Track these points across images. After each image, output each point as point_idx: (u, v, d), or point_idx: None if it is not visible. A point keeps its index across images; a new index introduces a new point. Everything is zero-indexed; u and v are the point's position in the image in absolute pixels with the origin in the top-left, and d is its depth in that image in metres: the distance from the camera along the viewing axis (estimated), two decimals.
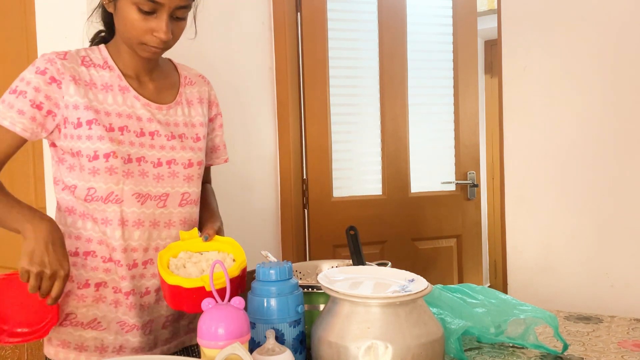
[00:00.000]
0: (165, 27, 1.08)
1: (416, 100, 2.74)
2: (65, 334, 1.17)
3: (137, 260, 1.17)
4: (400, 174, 2.71)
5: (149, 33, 1.09)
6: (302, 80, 2.57)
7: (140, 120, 1.17)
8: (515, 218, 2.07)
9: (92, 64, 1.17)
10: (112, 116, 1.14)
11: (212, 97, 1.34)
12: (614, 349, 1.09)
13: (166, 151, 1.19)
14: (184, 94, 1.27)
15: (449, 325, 1.06)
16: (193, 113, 1.27)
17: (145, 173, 1.17)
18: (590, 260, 1.91)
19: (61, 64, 1.13)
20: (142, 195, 1.16)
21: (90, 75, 1.16)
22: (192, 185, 1.23)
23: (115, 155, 1.12)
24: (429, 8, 2.79)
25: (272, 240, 2.54)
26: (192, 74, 1.32)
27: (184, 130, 1.23)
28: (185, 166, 1.22)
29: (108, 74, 1.17)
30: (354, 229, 1.25)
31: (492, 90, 4.38)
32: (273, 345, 0.86)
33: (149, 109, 1.19)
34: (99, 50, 1.20)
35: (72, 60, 1.15)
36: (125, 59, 1.19)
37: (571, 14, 1.92)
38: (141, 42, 1.11)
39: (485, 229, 4.36)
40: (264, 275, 0.98)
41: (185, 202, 1.23)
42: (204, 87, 1.32)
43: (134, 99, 1.18)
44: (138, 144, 1.16)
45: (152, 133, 1.18)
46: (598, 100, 1.88)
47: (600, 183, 1.89)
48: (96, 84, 1.15)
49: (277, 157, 2.57)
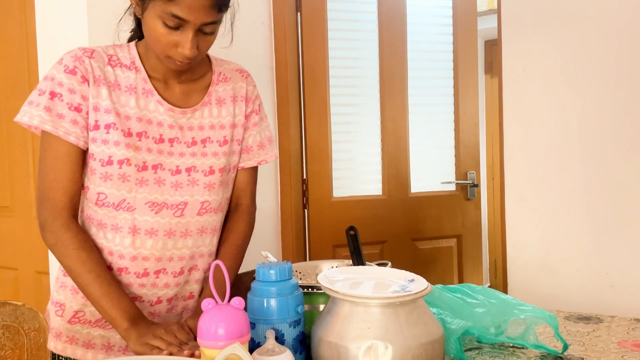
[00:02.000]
0: (190, 44, 1.04)
1: (416, 100, 2.74)
2: (73, 331, 1.16)
3: (149, 269, 1.15)
4: (400, 174, 2.71)
5: (174, 47, 1.05)
6: (302, 80, 2.57)
7: (160, 126, 1.14)
8: (515, 218, 2.07)
9: (119, 63, 1.13)
10: (131, 120, 1.11)
11: (249, 94, 1.26)
12: (614, 349, 1.09)
13: (186, 158, 1.15)
14: (214, 93, 1.21)
15: (449, 325, 1.06)
16: (224, 113, 1.21)
17: (162, 181, 1.13)
18: (590, 260, 1.91)
19: (89, 62, 1.10)
20: (157, 204, 1.13)
21: (116, 75, 1.12)
22: (212, 193, 1.19)
23: (129, 162, 1.09)
24: (429, 8, 2.79)
25: (272, 240, 2.54)
26: (229, 69, 1.26)
27: (209, 134, 1.19)
28: (206, 174, 1.17)
29: (134, 75, 1.13)
30: (354, 229, 1.25)
31: (492, 90, 4.38)
32: (273, 346, 0.86)
33: (171, 115, 1.15)
34: (128, 48, 1.16)
35: (99, 59, 1.11)
36: (153, 61, 1.15)
37: (571, 14, 1.92)
38: (167, 56, 1.07)
39: (485, 228, 4.36)
40: (264, 275, 0.98)
41: (205, 210, 1.19)
42: (239, 83, 1.25)
43: (157, 103, 1.14)
44: (156, 151, 1.13)
45: (172, 140, 1.14)
46: (598, 100, 1.88)
47: (601, 183, 1.89)
48: (120, 85, 1.12)
49: (277, 157, 2.56)
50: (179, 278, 1.19)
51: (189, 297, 1.23)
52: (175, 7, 0.99)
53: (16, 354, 1.23)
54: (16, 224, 2.39)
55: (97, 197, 1.12)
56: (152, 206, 1.13)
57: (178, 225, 1.16)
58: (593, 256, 1.91)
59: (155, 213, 1.13)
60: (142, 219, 1.12)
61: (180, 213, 1.16)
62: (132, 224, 1.12)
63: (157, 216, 1.13)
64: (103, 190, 1.11)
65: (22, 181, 2.33)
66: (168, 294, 1.19)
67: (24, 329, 1.23)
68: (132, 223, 1.12)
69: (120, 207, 1.11)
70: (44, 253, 2.06)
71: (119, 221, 1.12)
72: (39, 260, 2.18)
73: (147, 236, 1.13)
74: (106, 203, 1.12)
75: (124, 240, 1.12)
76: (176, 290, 1.20)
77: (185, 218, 1.16)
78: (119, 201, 1.11)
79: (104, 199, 1.12)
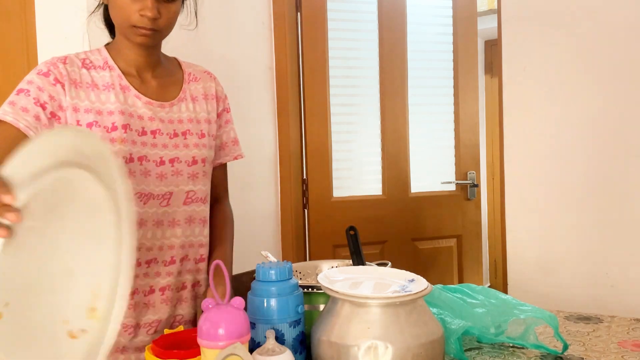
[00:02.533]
0: (151, 4, 1.08)
1: (416, 100, 2.74)
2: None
3: (141, 259, 1.17)
4: (400, 174, 2.71)
5: (137, 14, 1.10)
6: (302, 80, 2.57)
7: (141, 119, 1.17)
8: (515, 218, 2.07)
9: (93, 65, 1.17)
10: (115, 114, 1.14)
11: (218, 93, 1.33)
12: (614, 349, 1.09)
13: (169, 149, 1.19)
14: (188, 90, 1.27)
15: (449, 325, 1.06)
16: (198, 109, 1.26)
17: (147, 172, 1.16)
18: (590, 260, 1.91)
19: (63, 67, 1.13)
20: (145, 195, 1.16)
21: (92, 76, 1.16)
22: (197, 183, 1.23)
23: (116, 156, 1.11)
24: (429, 8, 2.79)
25: (272, 240, 2.54)
26: (197, 71, 1.32)
27: (188, 127, 1.23)
28: (189, 164, 1.21)
29: (109, 73, 1.17)
30: (354, 229, 1.25)
31: (492, 90, 4.38)
32: (273, 346, 0.86)
33: (150, 108, 1.18)
34: (98, 51, 1.20)
35: (73, 63, 1.15)
36: (126, 55, 1.19)
37: (571, 14, 1.92)
38: (132, 25, 1.11)
39: (485, 229, 4.36)
40: (264, 275, 0.98)
41: (190, 200, 1.22)
42: (209, 83, 1.31)
43: (135, 97, 1.17)
44: (140, 143, 1.16)
45: (154, 132, 1.18)
46: (598, 100, 1.88)
47: (601, 183, 1.89)
48: (98, 85, 1.15)
49: (277, 157, 2.57)
50: (171, 267, 1.21)
51: (182, 287, 1.25)
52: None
53: None
54: None
55: None
56: (140, 197, 1.16)
57: (165, 214, 1.19)
58: (593, 256, 1.91)
59: (144, 204, 1.16)
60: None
61: (167, 203, 1.19)
62: None
63: (146, 207, 1.16)
64: None
65: None
66: (160, 283, 1.20)
67: None
68: None
69: None
70: None
71: None
72: None
73: (137, 227, 1.15)
74: None
75: None
76: (168, 280, 1.21)
77: (172, 208, 1.20)
78: None
79: None
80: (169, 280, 1.22)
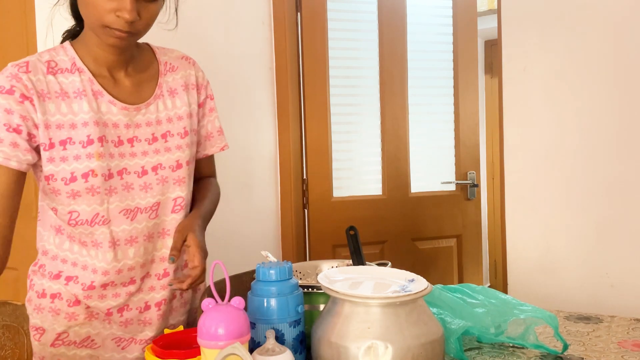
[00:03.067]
0: (130, 6, 0.95)
1: (416, 100, 2.74)
2: (58, 355, 1.13)
3: (135, 277, 1.13)
4: (400, 174, 2.71)
5: (112, 13, 0.97)
6: (302, 80, 2.57)
7: (117, 128, 1.07)
8: (515, 218, 2.07)
9: (59, 69, 1.05)
10: (89, 126, 1.04)
11: (199, 80, 1.21)
12: (614, 349, 1.09)
13: (150, 157, 1.11)
14: (165, 84, 1.15)
15: (449, 325, 1.06)
16: (178, 103, 1.16)
17: (129, 186, 1.09)
18: (590, 260, 1.91)
19: (27, 78, 1.00)
20: (131, 211, 1.09)
21: (60, 83, 1.04)
22: (184, 188, 1.15)
23: (94, 173, 1.03)
24: (429, 8, 2.79)
25: (272, 240, 2.54)
26: (173, 57, 1.19)
27: (168, 128, 1.13)
28: (174, 168, 1.13)
29: (78, 78, 1.05)
30: (354, 229, 1.25)
31: (492, 90, 4.38)
32: (273, 345, 0.86)
33: (126, 113, 1.09)
34: (63, 49, 1.08)
35: (36, 71, 1.03)
36: (96, 53, 1.06)
37: (571, 14, 1.92)
38: (104, 25, 0.98)
39: (485, 229, 4.35)
40: (264, 275, 0.98)
41: (179, 207, 1.15)
42: (188, 71, 1.19)
43: (109, 104, 1.07)
44: (118, 155, 1.07)
45: (131, 140, 1.09)
46: (598, 100, 1.88)
47: (600, 183, 1.89)
48: (68, 93, 1.04)
49: (277, 157, 2.57)
50: (164, 280, 1.18)
51: (173, 297, 1.21)
52: None
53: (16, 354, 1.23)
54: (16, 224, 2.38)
55: (69, 217, 1.07)
56: (127, 213, 1.09)
57: (155, 227, 1.13)
58: (593, 256, 1.91)
59: (132, 220, 1.10)
60: (119, 229, 1.09)
61: (155, 215, 1.13)
62: (110, 237, 1.08)
63: (134, 222, 1.10)
64: (74, 208, 1.06)
65: None
66: (156, 298, 1.17)
67: (24, 329, 1.23)
68: (110, 236, 1.08)
69: (95, 222, 1.07)
70: None
71: (97, 237, 1.08)
72: None
73: (127, 245, 1.10)
74: (79, 221, 1.07)
75: (106, 255, 1.09)
76: (163, 294, 1.18)
77: (160, 218, 1.14)
78: (92, 216, 1.06)
79: (76, 217, 1.06)
80: (163, 295, 1.18)
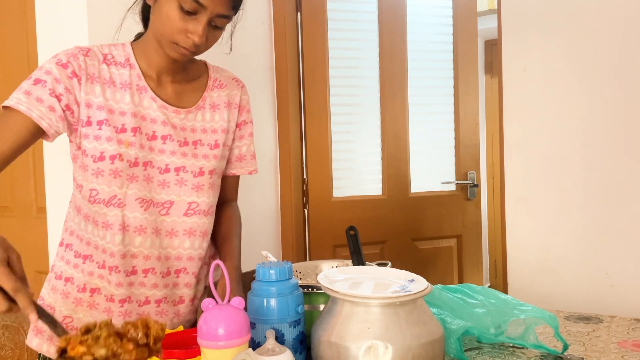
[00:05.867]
0: (202, 31, 1.05)
1: (416, 100, 2.74)
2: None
3: (137, 267, 1.15)
4: (400, 174, 2.71)
5: (184, 33, 1.06)
6: (302, 80, 2.57)
7: (154, 123, 1.14)
8: (515, 218, 2.07)
9: (114, 62, 1.14)
10: (126, 116, 1.12)
11: (243, 102, 1.29)
12: (614, 349, 1.09)
13: (176, 157, 1.16)
14: (209, 98, 1.23)
15: (449, 325, 1.06)
16: (217, 118, 1.23)
17: (150, 178, 1.14)
18: (590, 260, 1.91)
19: (83, 60, 1.10)
20: (146, 201, 1.14)
21: (111, 73, 1.13)
22: (201, 195, 1.19)
23: (121, 157, 1.10)
24: (429, 8, 2.79)
25: (272, 240, 2.54)
26: (224, 76, 1.29)
27: (200, 137, 1.20)
28: (195, 174, 1.18)
29: (128, 72, 1.14)
30: (354, 229, 1.25)
31: (492, 90, 4.39)
32: (273, 346, 0.86)
33: (164, 112, 1.15)
34: (122, 47, 1.17)
35: (94, 57, 1.12)
36: (150, 56, 1.15)
37: (571, 14, 1.92)
38: (173, 41, 1.07)
39: (485, 229, 4.36)
40: (264, 275, 0.98)
41: (193, 212, 1.18)
42: (235, 91, 1.28)
43: (151, 99, 1.14)
44: (147, 148, 1.13)
45: (165, 137, 1.15)
46: (598, 100, 1.88)
47: (600, 183, 1.89)
48: (115, 83, 1.13)
49: (277, 157, 2.57)
50: (167, 279, 1.19)
51: (179, 301, 1.22)
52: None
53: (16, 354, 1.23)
54: (16, 224, 2.39)
55: (89, 194, 1.12)
56: (142, 202, 1.13)
57: (163, 223, 1.17)
58: (593, 256, 1.91)
59: (145, 210, 1.14)
60: (131, 215, 1.13)
61: (166, 212, 1.16)
62: (122, 220, 1.12)
63: (146, 213, 1.14)
64: (95, 186, 1.11)
65: (22, 181, 2.33)
66: (156, 295, 1.18)
67: (24, 329, 1.23)
68: (122, 220, 1.12)
69: (110, 204, 1.12)
70: (44, 253, 2.06)
71: (109, 218, 1.12)
72: (39, 260, 2.18)
73: (135, 233, 1.14)
74: (97, 199, 1.12)
75: (115, 238, 1.13)
76: (165, 292, 1.19)
77: (171, 217, 1.17)
78: (109, 197, 1.11)
79: (95, 195, 1.12)
80: (165, 293, 1.19)
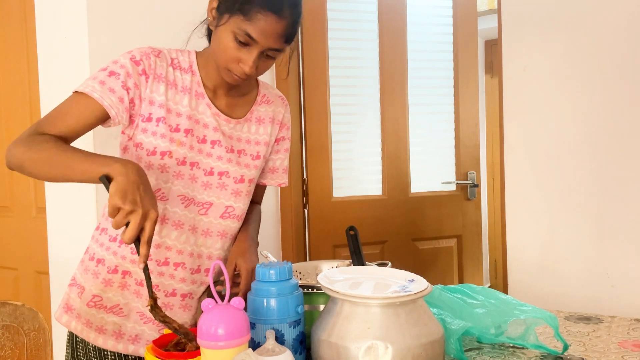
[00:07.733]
0: (252, 63, 1.11)
1: (416, 100, 2.74)
2: (89, 315, 1.20)
3: (170, 259, 1.20)
4: (400, 174, 2.71)
5: (236, 62, 1.12)
6: (302, 80, 2.57)
7: (206, 128, 1.21)
8: (515, 218, 2.07)
9: (179, 66, 1.21)
10: (182, 117, 1.18)
11: (284, 120, 1.37)
12: (615, 349, 1.09)
13: (222, 162, 1.23)
14: (256, 112, 1.30)
15: (449, 325, 1.06)
16: (261, 131, 1.31)
17: (195, 178, 1.20)
18: (590, 260, 1.91)
19: (154, 60, 1.17)
20: (188, 199, 1.20)
21: (175, 76, 1.20)
22: (238, 200, 1.26)
23: (170, 155, 1.16)
24: (429, 8, 2.79)
25: (272, 240, 2.54)
26: (272, 93, 1.36)
27: (245, 147, 1.27)
28: (237, 181, 1.25)
29: (190, 78, 1.21)
30: (354, 229, 1.25)
31: (492, 90, 4.38)
32: (273, 346, 0.86)
33: (217, 119, 1.22)
34: (188, 54, 1.24)
35: (164, 59, 1.19)
36: (209, 70, 1.22)
37: (571, 14, 1.92)
38: (227, 68, 1.14)
39: (485, 229, 4.35)
40: (264, 275, 0.98)
41: (228, 215, 1.25)
42: (279, 108, 1.35)
43: (206, 106, 1.21)
44: (197, 150, 1.20)
45: (214, 142, 1.22)
46: (598, 100, 1.88)
47: (601, 183, 1.89)
48: (177, 85, 1.20)
49: None
50: (195, 276, 1.24)
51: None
52: (250, 27, 1.08)
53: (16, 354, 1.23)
54: (16, 224, 2.39)
55: None
56: (183, 199, 1.20)
57: (201, 223, 1.23)
58: (593, 256, 1.91)
59: (185, 207, 1.20)
60: (172, 210, 1.19)
61: (205, 212, 1.23)
62: (162, 213, 1.18)
63: (186, 210, 1.20)
64: None
65: (22, 181, 2.33)
66: (183, 289, 1.23)
67: (24, 329, 1.23)
68: (162, 212, 1.18)
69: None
70: (44, 253, 2.06)
71: None
72: (39, 260, 2.18)
73: (173, 227, 1.19)
74: None
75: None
76: (191, 288, 1.24)
77: (209, 217, 1.24)
78: (154, 190, 1.16)
79: None
80: (191, 289, 1.24)
